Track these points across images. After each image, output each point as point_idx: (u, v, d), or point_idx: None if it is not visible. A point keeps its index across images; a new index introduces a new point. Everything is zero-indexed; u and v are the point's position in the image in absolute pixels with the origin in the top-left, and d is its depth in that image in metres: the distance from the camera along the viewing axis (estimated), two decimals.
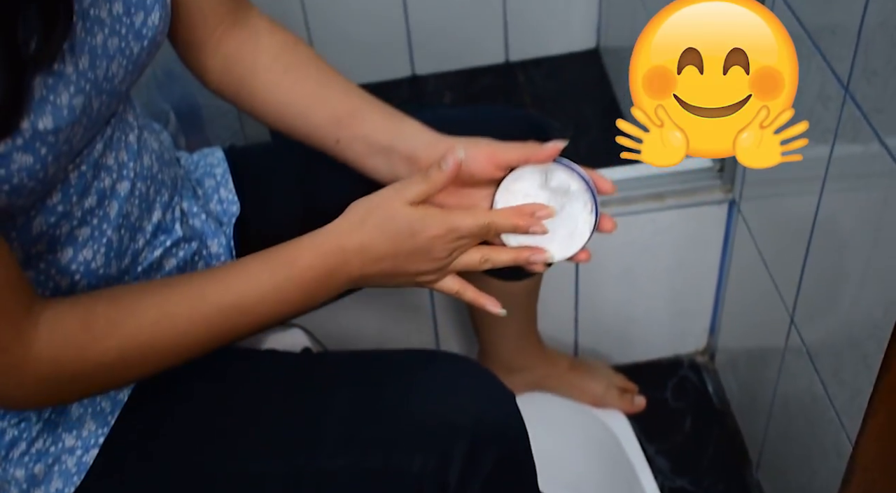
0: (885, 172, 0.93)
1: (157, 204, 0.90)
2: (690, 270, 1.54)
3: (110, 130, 0.84)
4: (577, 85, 2.22)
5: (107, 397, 0.87)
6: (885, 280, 0.95)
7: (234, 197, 1.01)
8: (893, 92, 0.90)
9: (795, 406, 1.27)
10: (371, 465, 0.85)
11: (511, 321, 1.30)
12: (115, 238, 0.84)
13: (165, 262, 0.92)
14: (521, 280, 1.22)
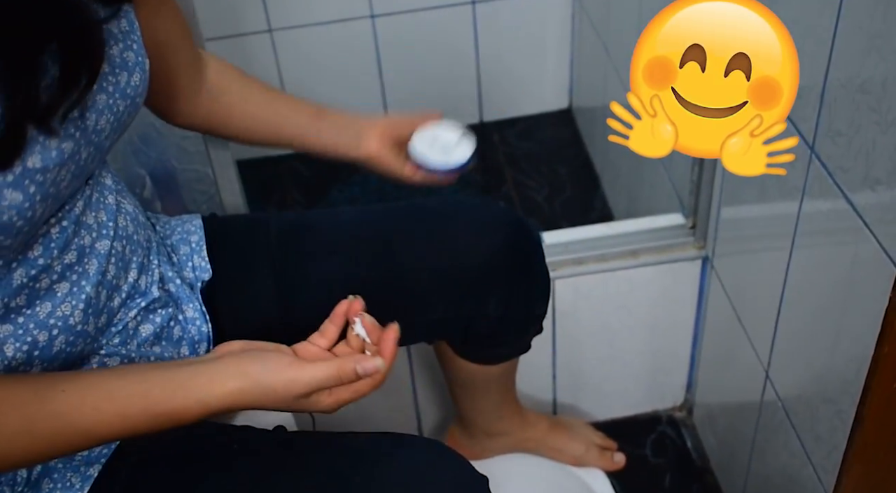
0: (851, 229, 0.95)
1: (133, 264, 0.90)
2: (666, 326, 1.55)
3: (89, 191, 0.85)
4: (551, 144, 2.25)
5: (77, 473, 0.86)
6: (856, 336, 0.96)
7: (207, 264, 1.02)
8: (857, 151, 0.92)
9: (773, 462, 1.27)
10: None
11: (490, 396, 1.30)
12: (94, 294, 0.84)
13: (142, 328, 0.92)
14: (499, 363, 1.23)
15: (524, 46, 2.21)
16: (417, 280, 1.05)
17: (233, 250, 1.05)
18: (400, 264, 1.05)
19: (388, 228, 1.08)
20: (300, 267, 1.04)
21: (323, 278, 1.04)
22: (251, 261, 1.05)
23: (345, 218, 1.10)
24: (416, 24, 2.14)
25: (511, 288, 1.10)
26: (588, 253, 1.46)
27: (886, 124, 0.86)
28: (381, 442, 0.90)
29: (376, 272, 1.05)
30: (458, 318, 1.09)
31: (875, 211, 0.91)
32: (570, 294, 1.48)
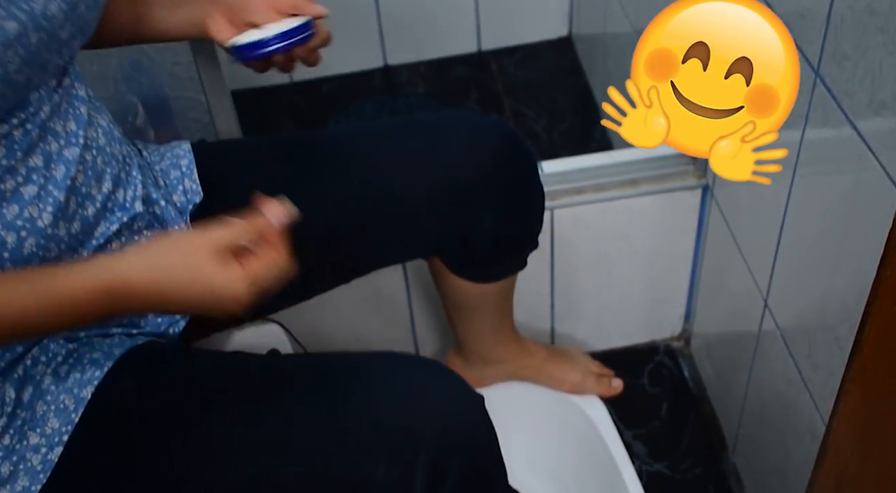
0: (855, 156, 0.93)
1: (107, 175, 0.90)
2: (665, 256, 1.54)
3: (59, 98, 0.85)
4: (550, 73, 2.23)
5: (70, 395, 0.86)
6: (856, 263, 0.96)
7: (198, 187, 1.01)
8: (863, 75, 0.90)
9: (770, 390, 1.28)
10: (335, 473, 0.84)
11: (486, 317, 1.30)
12: (63, 200, 0.84)
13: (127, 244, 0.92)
14: (496, 282, 1.22)
15: None
16: (411, 196, 1.05)
17: (224, 171, 1.04)
18: (393, 181, 1.05)
19: (381, 144, 1.07)
20: (293, 186, 1.03)
21: (316, 196, 1.03)
22: (243, 181, 1.04)
23: (336, 137, 1.09)
24: None
25: (506, 200, 1.09)
26: (587, 182, 1.44)
27: (894, 47, 0.84)
28: (377, 360, 0.90)
29: (369, 190, 1.04)
30: (454, 232, 1.09)
31: (880, 136, 0.90)
32: (569, 224, 1.47)
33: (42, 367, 0.87)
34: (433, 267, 1.23)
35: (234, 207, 1.03)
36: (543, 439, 1.48)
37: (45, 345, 0.88)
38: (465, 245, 1.11)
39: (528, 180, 1.12)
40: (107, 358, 0.89)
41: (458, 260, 1.17)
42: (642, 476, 1.42)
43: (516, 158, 1.09)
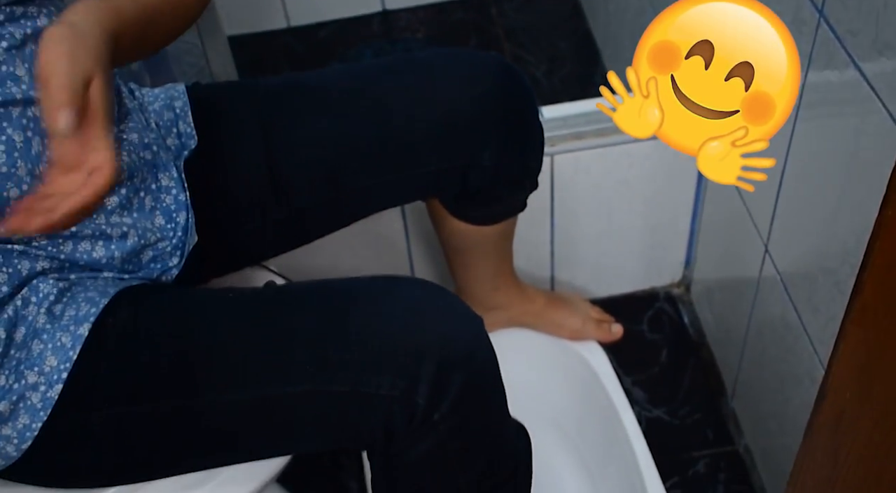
0: (859, 99, 0.92)
1: None
2: (666, 201, 1.54)
3: (20, 34, 0.82)
4: (551, 17, 2.20)
5: (67, 332, 0.87)
6: (857, 206, 0.95)
7: (192, 131, 1.00)
8: (868, 13, 0.89)
9: (769, 335, 1.28)
10: (339, 389, 0.85)
11: (486, 262, 1.30)
12: (19, 139, 0.82)
13: (107, 200, 0.90)
14: (496, 224, 1.21)
15: None
16: (410, 133, 1.04)
17: (219, 114, 1.03)
18: (391, 118, 1.04)
19: (377, 83, 1.06)
20: (290, 125, 1.03)
21: (313, 135, 1.02)
22: (239, 123, 1.03)
23: (334, 76, 1.08)
24: None
25: (504, 136, 1.08)
26: (587, 128, 1.43)
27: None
28: (377, 282, 0.91)
29: (367, 128, 1.03)
30: (453, 169, 1.08)
31: (884, 78, 0.88)
32: (570, 169, 1.46)
33: (34, 307, 0.87)
34: (432, 210, 1.23)
35: (229, 149, 1.03)
36: (543, 385, 1.48)
37: (34, 286, 0.87)
38: (464, 182, 1.10)
39: (527, 115, 1.11)
40: (102, 295, 0.89)
41: (456, 200, 1.16)
42: (642, 422, 1.43)
43: (515, 93, 1.08)
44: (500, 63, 1.08)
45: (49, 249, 0.88)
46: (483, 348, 0.90)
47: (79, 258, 0.90)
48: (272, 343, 0.87)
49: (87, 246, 0.90)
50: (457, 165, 1.07)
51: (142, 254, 0.95)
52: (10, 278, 0.86)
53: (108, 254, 0.92)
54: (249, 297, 0.93)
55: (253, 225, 1.06)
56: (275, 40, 2.20)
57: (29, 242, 0.87)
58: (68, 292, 0.89)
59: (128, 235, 0.92)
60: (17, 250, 0.86)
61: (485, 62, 1.07)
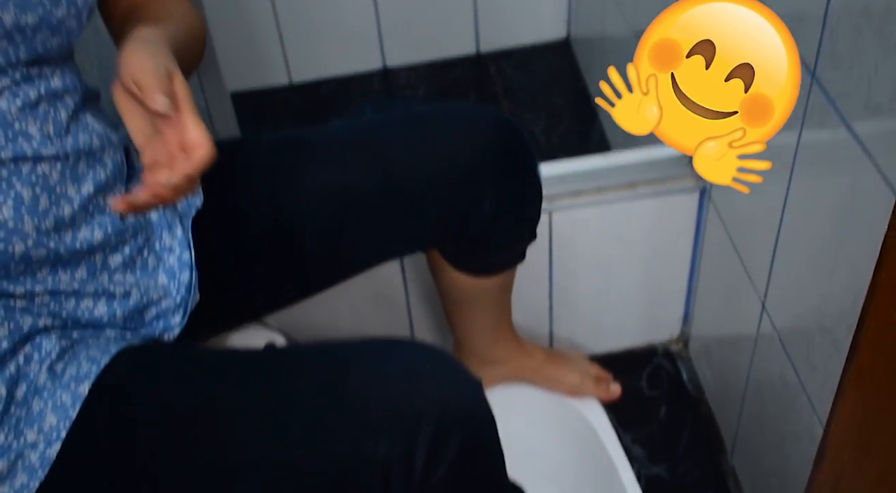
0: (852, 158, 0.94)
1: (89, 180, 0.90)
2: (663, 258, 1.54)
3: (35, 95, 0.85)
4: (548, 75, 2.23)
5: (67, 391, 0.87)
6: (853, 266, 0.96)
7: (199, 188, 1.01)
8: (859, 77, 0.90)
9: (768, 392, 1.28)
10: (337, 451, 0.85)
11: (485, 314, 1.30)
12: (28, 195, 0.84)
13: (111, 258, 0.92)
14: (495, 275, 1.22)
15: None
16: (410, 183, 1.06)
17: (224, 170, 1.04)
18: (391, 169, 1.05)
19: (377, 135, 1.08)
20: (293, 178, 1.04)
21: (316, 188, 1.04)
22: (244, 177, 1.04)
23: (335, 130, 1.10)
24: None
25: (502, 185, 1.09)
26: (585, 185, 1.44)
27: (890, 48, 0.84)
28: (375, 344, 0.91)
29: (369, 181, 1.05)
30: (453, 218, 1.09)
31: (876, 139, 0.90)
32: (568, 226, 1.47)
33: (36, 365, 0.87)
34: (432, 262, 1.24)
35: (234, 203, 1.04)
36: (542, 442, 1.48)
37: (37, 343, 0.88)
38: (463, 232, 1.11)
39: (525, 165, 1.13)
40: (103, 354, 0.89)
41: (456, 250, 1.17)
42: (641, 480, 1.42)
43: (513, 144, 1.10)
44: (497, 115, 1.10)
45: (52, 305, 0.89)
46: (481, 411, 0.89)
47: (81, 316, 0.91)
48: (270, 406, 0.86)
49: (89, 304, 0.91)
50: (456, 213, 1.09)
51: (144, 312, 0.95)
52: (12, 333, 0.86)
53: (110, 312, 0.92)
54: (249, 359, 0.93)
55: (256, 278, 1.07)
56: (276, 96, 2.23)
57: (32, 299, 0.87)
58: (70, 351, 0.89)
59: (130, 293, 0.93)
60: (20, 306, 0.87)
61: (483, 114, 1.09)
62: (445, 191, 1.07)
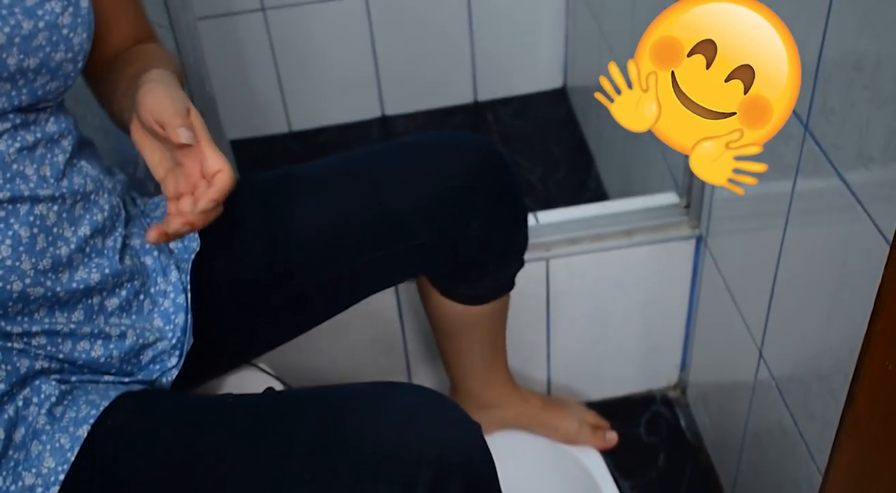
0: (845, 208, 0.95)
1: (86, 221, 0.92)
2: (660, 305, 1.55)
3: (32, 139, 0.88)
4: (545, 124, 2.25)
5: (66, 434, 0.87)
6: (849, 315, 0.96)
7: (195, 234, 1.02)
8: (851, 129, 0.92)
9: (767, 440, 1.28)
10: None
11: (477, 349, 1.31)
12: (25, 235, 0.86)
13: (108, 302, 0.93)
14: (485, 303, 1.23)
15: (518, 25, 2.20)
16: (401, 209, 1.08)
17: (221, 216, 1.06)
18: (382, 196, 1.07)
19: (369, 165, 1.10)
20: (287, 210, 1.06)
21: (309, 217, 1.06)
22: (239, 215, 1.06)
23: (326, 163, 1.12)
24: (410, 3, 2.13)
25: (490, 208, 1.12)
26: (582, 233, 1.46)
27: (880, 102, 0.86)
28: (374, 388, 0.91)
29: (360, 206, 1.07)
30: (443, 242, 1.11)
31: (868, 189, 0.91)
32: (565, 274, 1.48)
33: (35, 408, 0.87)
34: (424, 293, 1.25)
35: (230, 242, 1.05)
36: (540, 488, 1.47)
37: (36, 386, 0.88)
38: (454, 257, 1.13)
39: (511, 190, 1.15)
40: (102, 398, 0.90)
41: (447, 277, 1.19)
42: None
43: (498, 168, 1.13)
44: (482, 141, 1.14)
45: (48, 348, 0.89)
46: (481, 455, 0.90)
47: (77, 357, 0.91)
48: (269, 450, 0.87)
49: (85, 345, 0.92)
50: (447, 237, 1.11)
51: (141, 355, 0.96)
52: (9, 375, 0.87)
53: (106, 353, 0.93)
54: (247, 403, 0.93)
55: (253, 315, 1.08)
56: (276, 144, 2.25)
57: (29, 340, 0.88)
58: (70, 395, 0.90)
59: (126, 334, 0.94)
60: (17, 349, 0.87)
61: (469, 140, 1.13)
62: (436, 213, 1.09)
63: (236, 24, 2.08)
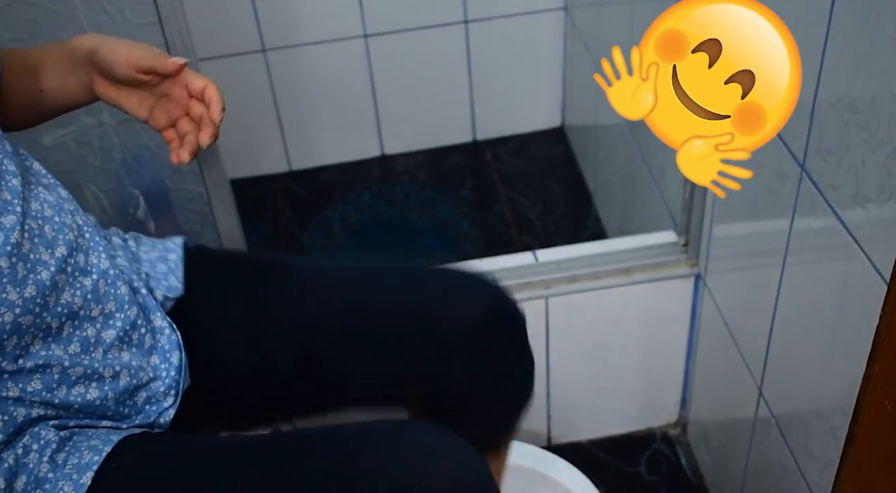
0: (842, 246, 0.95)
1: (60, 242, 0.90)
2: (660, 343, 1.55)
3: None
4: (544, 162, 2.26)
5: (69, 481, 0.86)
6: (848, 354, 0.97)
7: (181, 285, 1.03)
8: (847, 169, 0.93)
9: (767, 478, 1.27)
10: None
11: None
12: (6, 265, 0.84)
13: (104, 334, 0.92)
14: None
15: (517, 65, 2.22)
16: (386, 335, 1.04)
17: (208, 273, 1.06)
18: (371, 318, 1.04)
19: (365, 281, 1.07)
20: (271, 299, 1.05)
21: (292, 314, 1.04)
22: (224, 286, 1.06)
23: (323, 265, 1.10)
24: (409, 43, 2.16)
25: (480, 362, 1.04)
26: (581, 271, 1.46)
27: (875, 143, 0.87)
28: (385, 425, 0.90)
29: (345, 320, 1.04)
30: (422, 381, 1.05)
31: (865, 228, 0.92)
32: (564, 312, 1.48)
33: (35, 455, 0.87)
34: None
35: (214, 315, 1.05)
36: None
37: (36, 433, 0.88)
38: (434, 401, 1.07)
39: (516, 347, 1.07)
40: (105, 443, 0.89)
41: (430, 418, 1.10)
42: None
43: (505, 323, 1.05)
44: (496, 290, 1.06)
45: (43, 393, 0.89)
46: (489, 489, 0.89)
47: (73, 402, 0.91)
48: (279, 490, 0.86)
49: (80, 389, 0.91)
50: (426, 378, 1.05)
51: (135, 396, 0.95)
52: (6, 425, 0.86)
53: (101, 395, 0.92)
54: (255, 443, 0.93)
55: (237, 391, 1.07)
56: (276, 183, 2.26)
57: (24, 388, 0.88)
58: (70, 441, 0.89)
59: (120, 375, 0.93)
60: (13, 397, 0.87)
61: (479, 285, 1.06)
62: (419, 351, 1.04)
63: (237, 65, 2.10)
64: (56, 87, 1.01)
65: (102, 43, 0.96)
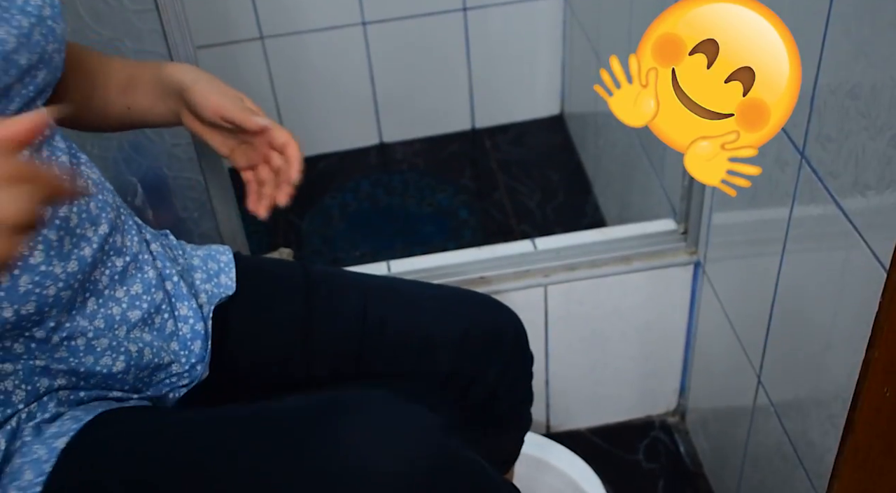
0: (842, 234, 0.95)
1: (103, 219, 0.91)
2: (658, 331, 1.55)
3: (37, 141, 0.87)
4: (543, 150, 2.26)
5: (44, 445, 0.86)
6: (848, 340, 0.97)
7: (233, 283, 1.04)
8: (847, 157, 0.93)
9: (766, 465, 1.28)
10: None
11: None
12: (55, 238, 0.86)
13: (130, 313, 0.93)
14: None
15: (516, 53, 2.22)
16: (433, 334, 1.09)
17: (265, 275, 1.08)
18: (420, 316, 1.09)
19: (417, 289, 1.13)
20: (328, 312, 1.06)
21: (349, 313, 1.06)
22: (283, 286, 1.07)
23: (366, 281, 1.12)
24: (408, 31, 2.15)
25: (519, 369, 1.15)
26: (580, 259, 1.46)
27: (875, 130, 0.87)
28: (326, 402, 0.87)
29: (398, 318, 1.08)
30: (461, 378, 1.11)
31: (865, 216, 0.92)
32: (563, 300, 1.48)
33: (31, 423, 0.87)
34: None
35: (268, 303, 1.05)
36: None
37: (43, 403, 0.88)
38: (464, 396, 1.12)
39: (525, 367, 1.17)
40: (87, 414, 0.89)
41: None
42: None
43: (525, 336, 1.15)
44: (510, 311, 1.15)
45: (70, 361, 0.89)
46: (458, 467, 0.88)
47: (98, 372, 0.91)
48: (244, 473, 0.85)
49: (107, 361, 0.91)
50: (466, 374, 1.10)
51: (154, 375, 0.96)
52: (28, 395, 0.87)
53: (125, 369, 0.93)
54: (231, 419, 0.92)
55: (268, 381, 1.07)
56: None
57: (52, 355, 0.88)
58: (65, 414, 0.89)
59: (143, 351, 0.94)
60: (40, 366, 0.87)
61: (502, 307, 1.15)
62: (463, 349, 1.09)
63: (235, 53, 2.10)
64: (145, 108, 1.05)
65: (195, 81, 1.00)
